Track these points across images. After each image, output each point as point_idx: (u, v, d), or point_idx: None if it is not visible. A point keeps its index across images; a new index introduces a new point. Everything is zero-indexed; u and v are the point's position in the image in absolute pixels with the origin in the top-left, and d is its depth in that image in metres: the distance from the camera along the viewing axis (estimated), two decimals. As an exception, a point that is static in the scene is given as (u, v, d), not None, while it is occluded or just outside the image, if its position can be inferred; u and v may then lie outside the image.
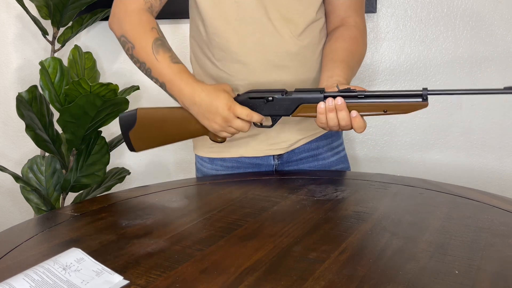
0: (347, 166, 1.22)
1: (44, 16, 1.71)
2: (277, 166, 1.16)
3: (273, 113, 0.97)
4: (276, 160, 1.16)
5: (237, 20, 1.04)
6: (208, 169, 1.19)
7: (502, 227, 0.77)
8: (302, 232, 0.77)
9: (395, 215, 0.84)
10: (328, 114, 0.90)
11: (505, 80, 1.50)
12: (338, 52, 1.06)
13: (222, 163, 1.17)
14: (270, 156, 1.15)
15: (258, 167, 1.16)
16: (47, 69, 1.52)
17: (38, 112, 1.50)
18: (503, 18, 1.47)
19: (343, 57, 1.05)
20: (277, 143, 1.13)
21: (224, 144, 1.13)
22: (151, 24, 1.02)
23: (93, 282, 0.63)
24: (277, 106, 0.96)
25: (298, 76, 1.08)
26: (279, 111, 0.96)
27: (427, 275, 0.63)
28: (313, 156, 1.17)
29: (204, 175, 1.20)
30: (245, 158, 1.15)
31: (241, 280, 0.63)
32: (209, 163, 1.18)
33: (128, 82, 1.88)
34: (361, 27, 1.12)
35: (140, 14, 1.03)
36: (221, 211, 0.88)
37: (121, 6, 1.06)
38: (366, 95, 0.88)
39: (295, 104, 0.94)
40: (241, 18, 1.03)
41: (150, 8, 1.05)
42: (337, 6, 1.11)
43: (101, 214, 0.89)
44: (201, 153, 1.19)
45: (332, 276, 0.63)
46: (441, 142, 1.60)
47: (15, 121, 1.98)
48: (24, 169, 1.64)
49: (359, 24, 1.12)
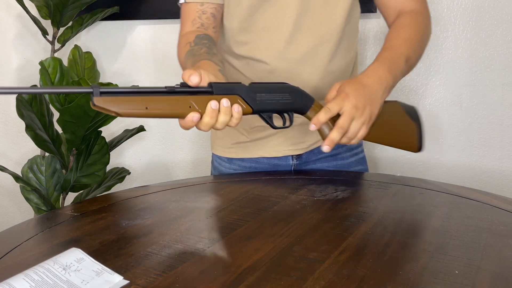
0: (366, 168, 1.23)
1: (44, 16, 1.71)
2: (296, 166, 1.17)
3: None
4: (295, 160, 1.16)
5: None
6: (226, 168, 1.20)
7: (502, 227, 0.77)
8: (302, 232, 0.77)
9: (395, 215, 0.84)
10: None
11: (505, 80, 1.50)
12: (397, 41, 1.02)
13: (240, 163, 1.18)
14: (289, 156, 1.16)
15: (276, 167, 1.17)
16: (47, 69, 1.52)
17: (38, 112, 1.50)
18: (503, 18, 1.47)
19: (385, 47, 1.01)
20: (297, 144, 1.13)
21: (243, 144, 1.15)
22: (188, 40, 1.03)
23: (93, 282, 0.63)
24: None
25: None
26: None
27: (427, 275, 0.63)
28: (332, 155, 1.17)
29: (220, 173, 1.21)
30: (264, 158, 1.16)
31: (241, 280, 0.63)
32: (228, 162, 1.19)
33: (128, 82, 1.88)
34: (421, 9, 1.07)
35: (185, 36, 1.06)
36: (221, 211, 0.88)
37: (179, 35, 1.09)
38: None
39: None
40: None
41: (202, 27, 1.07)
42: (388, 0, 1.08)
43: (101, 214, 0.89)
44: (219, 152, 1.20)
45: (332, 276, 0.63)
46: (441, 142, 1.60)
47: (15, 121, 1.98)
48: (24, 169, 1.64)
49: (415, 8, 1.06)
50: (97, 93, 0.70)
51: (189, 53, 1.00)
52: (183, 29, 1.09)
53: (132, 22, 1.86)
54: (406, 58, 0.98)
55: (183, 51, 1.03)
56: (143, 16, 1.82)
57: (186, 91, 0.77)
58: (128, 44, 1.89)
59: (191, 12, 1.09)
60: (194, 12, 1.08)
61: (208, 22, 1.08)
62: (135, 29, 1.87)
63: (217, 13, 1.09)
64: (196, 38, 1.03)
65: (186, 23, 1.09)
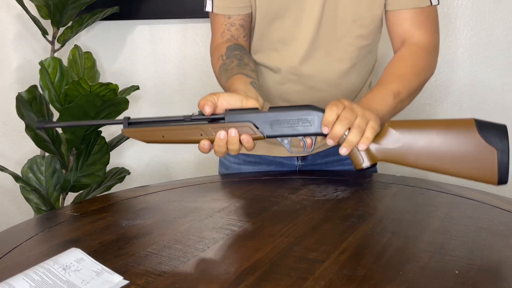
0: (375, 170, 1.22)
1: (44, 16, 1.71)
2: (301, 167, 1.17)
3: None
4: (300, 161, 1.16)
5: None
6: (230, 162, 1.21)
7: (502, 227, 0.77)
8: (302, 232, 0.77)
9: (395, 215, 0.84)
10: None
11: (505, 80, 1.50)
12: (387, 77, 0.99)
13: (245, 158, 1.19)
14: (294, 157, 1.16)
15: (281, 166, 1.17)
16: (47, 69, 1.52)
17: (38, 112, 1.50)
18: (503, 18, 1.47)
19: (382, 79, 0.98)
20: (302, 146, 1.14)
21: None
22: (220, 53, 1.04)
23: (93, 282, 0.63)
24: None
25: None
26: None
27: (427, 275, 0.63)
28: (338, 160, 1.17)
29: (226, 167, 1.22)
30: (269, 156, 1.16)
31: (241, 280, 0.63)
32: (232, 156, 1.20)
33: (128, 82, 1.88)
34: (425, 43, 1.02)
35: (217, 49, 1.07)
36: (221, 211, 0.88)
37: (210, 46, 1.12)
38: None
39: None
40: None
41: (232, 38, 1.07)
42: (396, 24, 1.04)
43: (101, 214, 0.89)
44: None
45: (332, 276, 0.63)
46: (441, 142, 1.60)
47: (15, 121, 1.98)
48: (24, 169, 1.64)
49: (423, 40, 1.02)
50: (125, 124, 0.85)
51: (222, 68, 1.01)
52: (213, 40, 1.10)
53: (132, 22, 1.86)
54: (395, 94, 0.94)
55: (216, 66, 1.04)
56: (143, 16, 1.83)
57: (199, 118, 0.84)
58: (128, 44, 1.89)
59: (219, 25, 1.08)
60: (222, 25, 1.08)
61: (238, 33, 1.08)
62: (135, 29, 1.87)
63: (245, 23, 1.09)
64: (227, 50, 1.03)
65: (216, 35, 1.09)
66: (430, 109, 1.59)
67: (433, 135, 0.79)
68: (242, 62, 1.00)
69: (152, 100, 1.91)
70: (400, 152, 0.80)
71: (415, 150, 0.79)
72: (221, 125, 0.83)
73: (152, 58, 1.88)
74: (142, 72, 1.90)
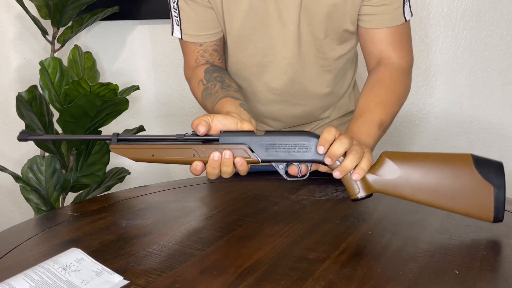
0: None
1: (44, 16, 1.71)
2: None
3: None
4: None
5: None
6: None
7: (502, 227, 0.77)
8: (302, 232, 0.77)
9: (395, 215, 0.84)
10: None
11: (505, 80, 1.50)
12: (369, 105, 0.96)
13: None
14: None
15: None
16: (47, 69, 1.51)
17: (38, 112, 1.50)
18: (503, 18, 1.47)
19: (372, 110, 0.95)
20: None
21: None
22: (198, 78, 1.03)
23: (93, 282, 0.63)
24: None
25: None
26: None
27: (427, 275, 0.63)
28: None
29: None
30: None
31: (241, 280, 0.63)
32: None
33: (128, 82, 1.88)
34: (403, 64, 1.02)
35: (194, 74, 1.05)
36: (221, 211, 0.88)
37: (185, 71, 1.10)
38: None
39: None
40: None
41: (207, 62, 1.05)
42: (371, 42, 1.02)
43: (101, 214, 0.89)
44: None
45: (332, 276, 0.63)
46: (441, 142, 1.60)
47: (15, 121, 1.98)
48: (24, 169, 1.64)
49: (400, 61, 1.01)
50: (114, 140, 0.81)
51: (205, 93, 0.99)
52: (187, 66, 1.08)
53: (132, 22, 1.86)
54: (379, 125, 0.93)
55: (198, 91, 1.01)
56: (143, 16, 1.82)
57: (192, 139, 0.81)
58: (128, 44, 1.89)
59: (192, 52, 1.06)
60: (194, 52, 1.05)
61: (213, 58, 1.06)
62: (135, 29, 1.87)
63: (219, 47, 1.07)
64: (206, 73, 1.01)
65: (190, 61, 1.07)
66: (430, 109, 1.59)
67: (430, 168, 0.78)
68: (225, 84, 0.98)
69: (152, 100, 1.91)
70: (397, 183, 0.79)
71: (411, 183, 0.78)
72: (215, 146, 0.80)
73: (152, 58, 1.88)
74: (142, 72, 1.90)
